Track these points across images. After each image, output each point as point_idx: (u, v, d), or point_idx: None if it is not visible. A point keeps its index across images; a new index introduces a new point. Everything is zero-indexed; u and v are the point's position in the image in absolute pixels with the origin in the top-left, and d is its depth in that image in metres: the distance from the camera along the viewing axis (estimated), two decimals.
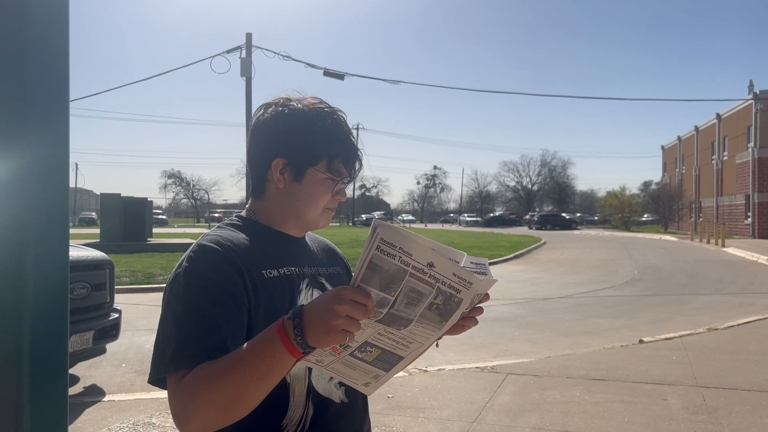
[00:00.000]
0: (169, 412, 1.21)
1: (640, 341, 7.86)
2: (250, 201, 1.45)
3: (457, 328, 1.25)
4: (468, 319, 1.22)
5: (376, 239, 1.03)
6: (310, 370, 1.31)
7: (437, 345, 1.34)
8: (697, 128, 50.39)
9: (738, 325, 8.95)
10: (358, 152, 1.39)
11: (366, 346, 1.14)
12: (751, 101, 38.19)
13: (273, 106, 1.38)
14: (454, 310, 1.12)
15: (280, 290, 1.31)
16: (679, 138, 56.35)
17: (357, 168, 1.40)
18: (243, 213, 1.44)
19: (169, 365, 1.17)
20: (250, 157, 1.42)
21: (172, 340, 1.19)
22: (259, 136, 1.39)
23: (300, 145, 1.34)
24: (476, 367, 6.48)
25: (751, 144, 38.13)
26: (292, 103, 1.37)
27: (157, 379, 1.21)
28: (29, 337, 0.94)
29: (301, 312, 1.05)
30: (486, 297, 1.20)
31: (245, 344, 1.12)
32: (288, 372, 1.11)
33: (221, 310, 1.21)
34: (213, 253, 1.27)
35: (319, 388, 1.33)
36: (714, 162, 45.35)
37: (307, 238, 1.50)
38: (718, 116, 44.82)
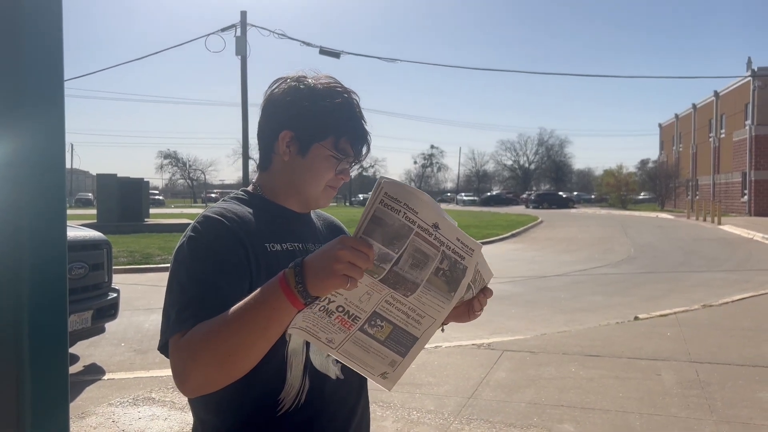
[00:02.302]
0: (168, 387, 1.23)
1: (636, 318, 7.93)
2: (257, 175, 1.47)
3: (463, 316, 1.29)
4: (475, 313, 1.24)
5: (380, 193, 1.03)
6: (307, 344, 1.33)
7: (443, 330, 1.32)
8: (694, 106, 50.25)
9: (733, 301, 9.03)
10: (367, 135, 1.40)
11: (375, 318, 1.12)
12: (749, 78, 38.05)
13: (287, 80, 1.39)
14: (460, 278, 1.11)
15: (281, 265, 1.31)
16: (676, 116, 56.20)
17: (364, 151, 1.41)
18: (249, 188, 1.46)
19: (172, 327, 1.19)
20: (259, 129, 1.43)
21: (176, 305, 1.21)
22: (270, 108, 1.40)
23: (308, 119, 1.35)
24: (473, 344, 6.54)
25: (749, 121, 38.07)
26: (306, 80, 1.38)
27: (165, 344, 1.23)
28: (29, 314, 0.96)
29: (303, 261, 1.06)
30: (489, 292, 1.22)
31: (248, 297, 1.12)
32: (286, 329, 1.11)
33: (224, 276, 1.23)
34: (217, 223, 1.28)
35: (316, 363, 1.35)
36: (711, 140, 45.31)
37: (312, 215, 1.51)
38: (716, 94, 44.68)
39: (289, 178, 1.39)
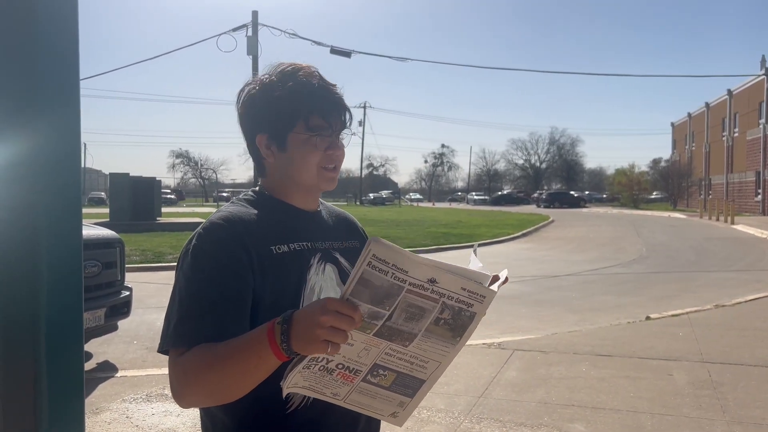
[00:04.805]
0: None
1: (647, 318, 7.89)
2: (261, 180, 1.49)
3: None
4: None
5: (368, 255, 1.03)
6: None
7: None
8: (707, 105, 49.85)
9: (745, 301, 8.95)
10: (337, 100, 1.37)
11: (377, 369, 1.14)
12: (763, 77, 37.68)
13: (245, 89, 1.41)
14: (467, 324, 1.10)
15: (288, 266, 1.33)
16: (689, 115, 55.78)
17: (343, 117, 1.39)
18: (257, 187, 1.48)
19: (168, 340, 1.24)
20: (246, 142, 1.45)
21: (174, 316, 1.25)
22: (241, 121, 1.43)
23: (273, 115, 1.36)
24: (483, 344, 6.53)
25: (763, 120, 37.70)
26: (261, 78, 1.40)
27: (164, 350, 1.28)
28: (45, 310, 0.98)
29: (291, 318, 1.09)
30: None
31: (239, 338, 1.17)
32: (273, 370, 1.16)
33: (223, 291, 1.24)
34: (221, 230, 1.30)
35: None
36: (724, 139, 44.92)
37: (323, 211, 1.51)
38: (729, 92, 44.29)
39: (283, 175, 1.41)
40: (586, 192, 76.80)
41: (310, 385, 1.15)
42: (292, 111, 1.34)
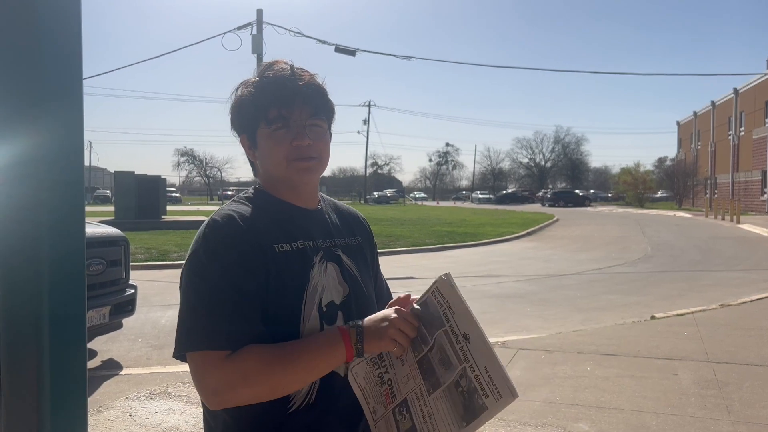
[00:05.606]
0: (184, 382, 1.26)
1: (652, 317, 7.86)
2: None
3: None
4: None
5: (434, 286, 1.27)
6: None
7: None
8: (713, 103, 49.64)
9: (751, 301, 8.91)
10: (297, 89, 1.35)
11: (404, 406, 1.26)
12: None
13: (233, 94, 1.44)
14: (477, 413, 1.13)
15: (291, 265, 1.33)
16: (695, 113, 55.57)
17: (310, 106, 1.36)
18: (257, 185, 1.48)
19: (200, 343, 1.22)
20: None
21: (200, 319, 1.23)
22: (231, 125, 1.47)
23: (241, 115, 1.40)
24: None
25: None
26: (244, 81, 1.43)
27: (183, 353, 1.26)
28: (48, 308, 0.97)
29: (362, 323, 1.28)
30: None
31: (305, 340, 1.26)
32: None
33: (241, 288, 1.24)
34: (226, 229, 1.29)
35: None
36: (730, 137, 44.73)
37: (325, 208, 1.51)
38: (735, 91, 44.10)
39: (266, 172, 1.42)
40: (591, 191, 76.61)
41: (365, 386, 1.31)
42: (254, 108, 1.36)
